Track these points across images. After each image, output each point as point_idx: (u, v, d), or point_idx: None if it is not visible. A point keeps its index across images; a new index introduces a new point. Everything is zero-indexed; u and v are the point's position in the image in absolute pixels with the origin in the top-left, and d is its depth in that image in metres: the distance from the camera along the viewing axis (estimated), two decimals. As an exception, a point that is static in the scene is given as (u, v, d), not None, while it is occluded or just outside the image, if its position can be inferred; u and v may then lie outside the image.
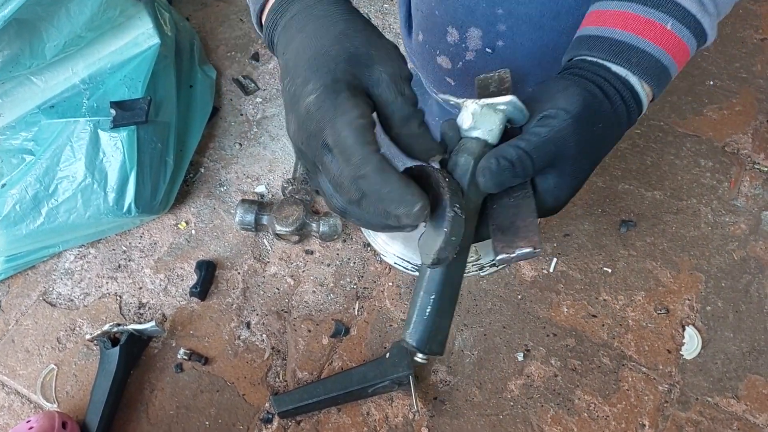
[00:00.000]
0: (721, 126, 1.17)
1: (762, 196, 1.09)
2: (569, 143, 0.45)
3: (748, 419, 0.90)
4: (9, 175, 0.97)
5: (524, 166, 0.44)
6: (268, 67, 1.27)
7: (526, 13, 0.62)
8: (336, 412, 0.92)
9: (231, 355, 0.97)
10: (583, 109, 0.45)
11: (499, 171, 0.44)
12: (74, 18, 0.91)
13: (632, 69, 0.48)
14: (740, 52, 1.25)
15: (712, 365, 0.94)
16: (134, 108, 0.97)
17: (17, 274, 1.05)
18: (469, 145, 0.47)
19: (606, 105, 0.47)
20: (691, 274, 1.02)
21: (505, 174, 0.44)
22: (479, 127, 0.46)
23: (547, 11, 0.62)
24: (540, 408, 0.91)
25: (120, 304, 1.02)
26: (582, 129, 0.45)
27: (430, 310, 0.45)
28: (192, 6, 1.35)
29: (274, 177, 1.13)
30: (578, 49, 0.51)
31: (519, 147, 0.44)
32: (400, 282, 1.02)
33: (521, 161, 0.44)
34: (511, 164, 0.44)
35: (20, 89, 0.96)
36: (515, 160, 0.44)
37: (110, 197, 0.97)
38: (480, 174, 0.45)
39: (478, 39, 0.66)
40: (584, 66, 0.49)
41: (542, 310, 0.99)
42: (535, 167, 0.45)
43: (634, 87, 0.48)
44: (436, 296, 0.46)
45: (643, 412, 0.91)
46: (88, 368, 0.96)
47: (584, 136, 0.46)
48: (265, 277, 1.04)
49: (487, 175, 0.44)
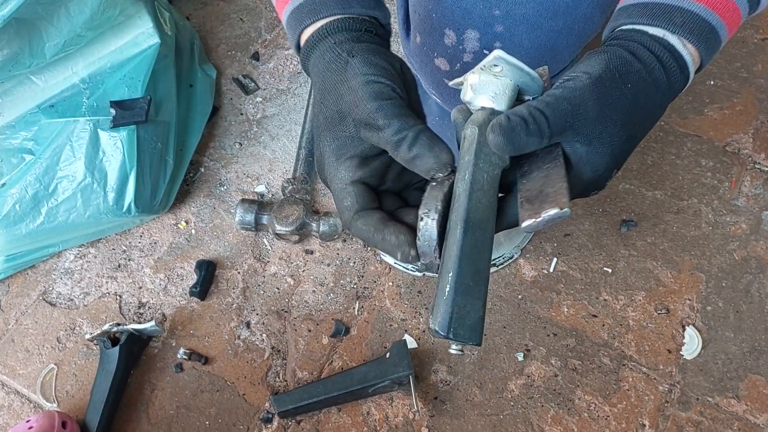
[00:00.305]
0: (722, 126, 1.16)
1: (763, 196, 1.09)
2: (588, 103, 0.42)
3: (748, 419, 0.90)
4: (9, 174, 0.97)
5: (538, 123, 0.41)
6: (268, 67, 1.27)
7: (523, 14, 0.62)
8: (336, 412, 0.92)
9: (231, 355, 0.97)
10: (605, 69, 0.42)
11: (510, 127, 0.40)
12: (74, 17, 0.91)
13: (672, 29, 0.44)
14: (741, 51, 1.25)
15: (713, 365, 0.94)
16: (134, 107, 0.97)
17: (17, 273, 1.05)
18: (474, 116, 0.44)
19: (636, 65, 0.43)
20: (691, 274, 1.01)
21: (517, 130, 0.40)
22: (481, 93, 0.44)
23: (544, 12, 0.61)
24: (540, 408, 0.91)
25: (120, 303, 1.02)
26: (604, 89, 0.42)
27: (449, 289, 0.40)
28: (192, 5, 1.35)
29: (274, 176, 1.13)
30: (616, 20, 0.48)
31: (531, 105, 0.41)
32: (400, 282, 1.02)
33: (534, 117, 0.41)
34: (522, 120, 0.41)
35: (20, 88, 0.96)
36: (527, 116, 0.41)
37: (110, 197, 0.97)
38: (490, 131, 0.41)
39: (476, 41, 0.66)
40: (619, 35, 0.46)
41: (542, 310, 0.99)
42: (552, 126, 0.41)
43: (674, 47, 0.44)
44: (453, 273, 0.40)
45: (644, 412, 0.91)
46: (88, 368, 0.96)
47: (608, 98, 0.42)
48: (265, 276, 1.03)
49: (497, 131, 0.40)
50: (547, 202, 0.40)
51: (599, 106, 0.42)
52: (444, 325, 0.40)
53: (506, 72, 0.44)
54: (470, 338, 0.41)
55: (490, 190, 0.43)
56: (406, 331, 0.98)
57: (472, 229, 0.41)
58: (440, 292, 0.41)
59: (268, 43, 1.30)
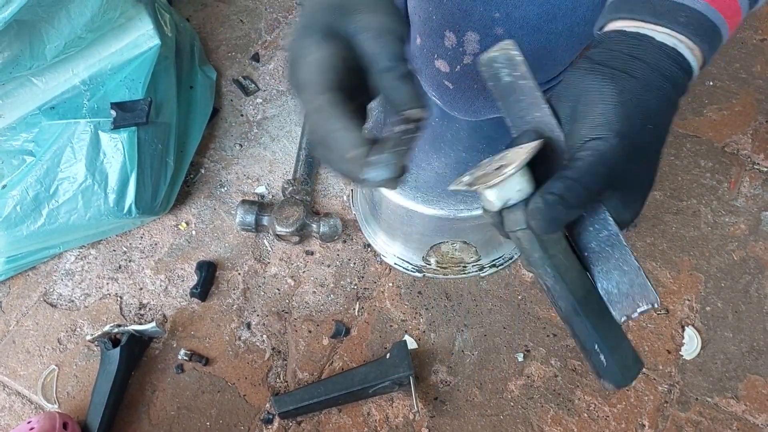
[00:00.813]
0: (721, 126, 1.17)
1: (762, 197, 1.09)
2: (621, 163, 0.41)
3: (747, 419, 0.90)
4: (10, 176, 0.97)
5: (576, 193, 0.40)
6: (268, 68, 1.27)
7: (523, 16, 0.62)
8: (336, 413, 0.92)
9: (232, 356, 0.97)
10: (625, 117, 0.41)
11: (548, 207, 0.39)
12: (74, 19, 0.91)
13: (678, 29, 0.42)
14: (740, 52, 1.25)
15: (712, 365, 0.94)
16: (135, 109, 0.97)
17: (18, 274, 1.05)
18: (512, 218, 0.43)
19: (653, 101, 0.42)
20: (690, 275, 1.02)
21: (557, 208, 0.40)
22: (507, 198, 0.42)
23: (543, 14, 0.62)
24: (540, 408, 0.92)
25: (120, 304, 1.02)
26: (631, 144, 0.41)
27: (605, 356, 0.44)
28: (192, 7, 1.35)
29: (275, 178, 1.14)
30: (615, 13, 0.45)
31: (565, 176, 0.40)
32: (401, 283, 1.02)
33: (570, 190, 0.40)
34: (559, 197, 0.40)
35: (21, 90, 0.96)
36: (563, 192, 0.40)
37: (111, 198, 0.97)
38: (530, 218, 0.40)
39: (476, 43, 0.66)
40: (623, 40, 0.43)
41: (542, 311, 0.99)
42: (590, 194, 0.40)
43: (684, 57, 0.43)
44: (599, 343, 0.44)
45: (643, 413, 0.91)
46: (89, 369, 0.96)
47: (636, 150, 0.41)
48: (266, 277, 1.04)
49: (538, 216, 0.40)
50: (640, 298, 0.43)
51: (628, 160, 0.41)
52: (626, 380, 0.44)
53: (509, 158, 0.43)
54: (639, 368, 0.46)
55: (571, 261, 0.44)
56: (407, 332, 0.98)
57: (584, 303, 0.44)
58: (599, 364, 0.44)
59: (268, 45, 1.30)
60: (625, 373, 0.44)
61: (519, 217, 0.42)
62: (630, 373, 0.44)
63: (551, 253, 0.43)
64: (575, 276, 0.44)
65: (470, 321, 0.99)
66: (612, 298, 0.44)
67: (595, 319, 0.44)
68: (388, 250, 1.03)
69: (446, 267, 1.01)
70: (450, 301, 1.01)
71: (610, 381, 0.44)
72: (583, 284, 0.44)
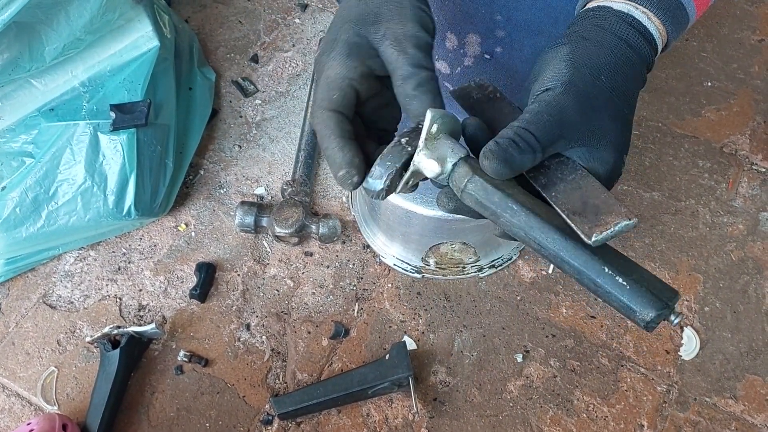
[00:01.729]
0: (719, 127, 1.17)
1: (760, 197, 1.09)
2: (567, 110, 0.42)
3: (746, 419, 0.91)
4: (9, 177, 0.97)
5: (526, 140, 0.41)
6: (267, 69, 1.27)
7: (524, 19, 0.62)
8: (336, 414, 0.92)
9: (231, 357, 0.97)
10: (573, 71, 0.43)
11: (502, 149, 0.41)
12: (73, 21, 0.91)
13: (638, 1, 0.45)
14: (738, 53, 1.26)
15: (711, 366, 0.95)
16: (134, 111, 0.97)
17: (17, 276, 1.05)
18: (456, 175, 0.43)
19: (603, 55, 0.44)
20: (689, 275, 1.02)
21: (509, 151, 0.41)
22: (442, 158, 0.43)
23: (545, 17, 0.62)
24: (539, 409, 0.92)
25: (120, 306, 1.02)
26: (578, 91, 0.43)
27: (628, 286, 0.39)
28: (191, 8, 1.35)
29: (274, 179, 1.14)
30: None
31: (513, 125, 0.42)
32: (400, 283, 1.02)
33: (520, 135, 0.41)
34: (511, 140, 0.41)
35: (20, 92, 0.96)
36: (514, 136, 0.41)
37: (110, 200, 0.97)
38: (483, 158, 0.41)
39: (477, 45, 0.66)
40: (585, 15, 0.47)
41: (541, 311, 0.99)
42: (540, 140, 0.42)
43: (639, 21, 0.45)
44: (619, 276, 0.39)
45: (642, 413, 0.91)
46: (89, 370, 0.96)
47: (585, 98, 0.43)
48: (265, 278, 1.04)
49: (491, 156, 0.41)
50: (606, 213, 0.40)
51: (579, 108, 0.43)
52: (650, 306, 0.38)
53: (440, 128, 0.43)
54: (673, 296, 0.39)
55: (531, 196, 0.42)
56: (406, 333, 0.98)
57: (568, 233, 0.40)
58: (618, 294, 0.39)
59: (267, 46, 1.30)
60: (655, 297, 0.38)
61: (464, 170, 0.43)
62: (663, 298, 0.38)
63: (509, 192, 0.42)
64: (545, 208, 0.42)
65: (469, 322, 0.99)
66: (576, 219, 0.40)
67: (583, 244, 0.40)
68: (387, 251, 1.03)
69: (445, 268, 1.01)
70: (449, 301, 1.01)
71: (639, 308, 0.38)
72: (557, 216, 0.41)
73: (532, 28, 0.63)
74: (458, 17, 0.65)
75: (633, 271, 0.40)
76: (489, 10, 0.63)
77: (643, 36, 0.45)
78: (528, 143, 0.41)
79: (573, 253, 0.40)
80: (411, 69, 0.43)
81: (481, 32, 0.65)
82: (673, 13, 0.46)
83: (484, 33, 0.65)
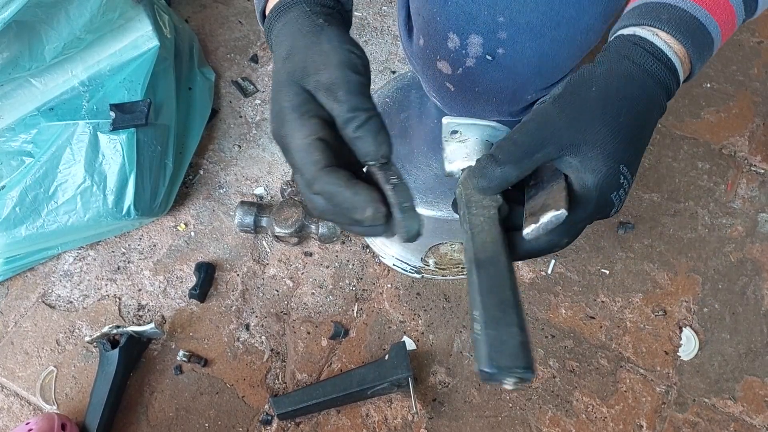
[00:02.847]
0: (718, 129, 1.17)
1: (759, 199, 1.09)
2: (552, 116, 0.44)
3: (744, 420, 0.91)
4: (8, 177, 0.97)
5: (505, 151, 0.44)
6: (266, 69, 1.27)
7: (527, 21, 0.62)
8: (335, 414, 0.92)
9: (230, 357, 0.97)
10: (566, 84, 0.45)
11: (481, 166, 0.44)
12: (73, 20, 0.91)
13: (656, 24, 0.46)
14: (737, 55, 1.26)
15: (709, 367, 0.95)
16: (134, 110, 0.97)
17: (16, 275, 1.05)
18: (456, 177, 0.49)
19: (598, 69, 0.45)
20: (688, 276, 1.02)
21: (488, 167, 0.44)
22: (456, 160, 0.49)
23: (548, 21, 0.62)
24: (538, 409, 0.92)
25: (119, 306, 1.02)
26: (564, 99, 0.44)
27: (480, 327, 0.40)
28: (191, 8, 1.35)
29: (273, 179, 1.14)
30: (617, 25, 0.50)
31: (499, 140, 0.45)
32: (399, 284, 1.02)
33: (500, 148, 0.44)
34: (489, 156, 0.44)
35: (20, 91, 0.96)
36: (493, 151, 0.44)
37: (109, 199, 0.97)
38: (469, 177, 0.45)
39: (479, 46, 0.66)
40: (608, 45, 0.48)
41: (540, 312, 1.00)
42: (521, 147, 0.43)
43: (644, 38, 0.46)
44: (479, 311, 0.41)
45: (641, 414, 0.92)
46: (88, 370, 0.96)
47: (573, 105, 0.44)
48: (265, 279, 1.04)
49: (472, 175, 0.45)
50: (546, 211, 0.43)
51: (565, 113, 0.44)
52: (485, 362, 0.38)
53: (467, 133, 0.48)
54: (515, 364, 0.38)
55: (492, 228, 0.45)
56: (405, 333, 0.98)
57: (483, 267, 0.43)
58: (475, 335, 0.40)
59: (267, 46, 1.30)
60: (492, 358, 0.38)
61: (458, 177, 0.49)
62: (500, 362, 0.38)
63: (473, 212, 0.46)
64: (487, 240, 0.44)
65: (469, 322, 0.99)
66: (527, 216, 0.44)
67: (488, 285, 0.42)
68: (387, 251, 1.03)
69: (445, 268, 1.01)
70: (449, 302, 1.01)
71: (478, 364, 0.39)
72: (493, 252, 0.44)
73: (535, 31, 0.63)
74: (461, 18, 0.65)
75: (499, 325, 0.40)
76: (492, 12, 0.63)
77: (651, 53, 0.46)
78: (507, 155, 0.44)
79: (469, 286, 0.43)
80: (347, 114, 0.44)
81: (483, 33, 0.65)
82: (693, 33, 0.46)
83: (487, 34, 0.65)
